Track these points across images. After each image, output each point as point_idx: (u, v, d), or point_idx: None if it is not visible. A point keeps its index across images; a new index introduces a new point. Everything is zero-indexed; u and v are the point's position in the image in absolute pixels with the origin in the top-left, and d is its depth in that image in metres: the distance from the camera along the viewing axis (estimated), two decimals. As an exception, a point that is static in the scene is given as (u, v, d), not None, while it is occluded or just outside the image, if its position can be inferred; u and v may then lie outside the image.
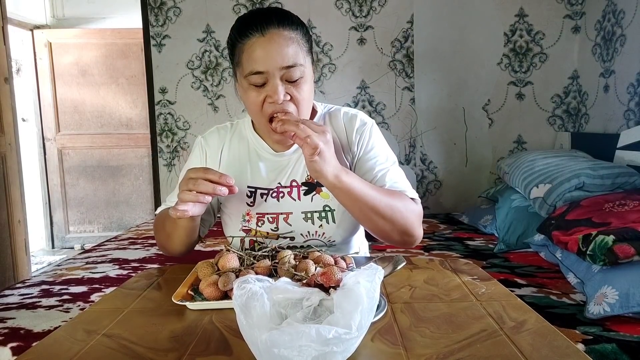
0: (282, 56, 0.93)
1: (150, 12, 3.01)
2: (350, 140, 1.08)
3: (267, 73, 0.94)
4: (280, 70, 0.94)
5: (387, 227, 0.98)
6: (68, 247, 4.32)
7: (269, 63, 0.93)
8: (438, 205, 3.09)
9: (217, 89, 3.06)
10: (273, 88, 0.94)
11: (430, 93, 3.02)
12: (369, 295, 0.59)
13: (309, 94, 1.00)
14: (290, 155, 1.07)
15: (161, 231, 1.06)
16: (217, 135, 1.13)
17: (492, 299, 0.80)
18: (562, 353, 0.62)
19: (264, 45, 0.93)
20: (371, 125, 1.09)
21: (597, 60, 2.72)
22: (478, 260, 1.93)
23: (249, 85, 0.96)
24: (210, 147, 1.12)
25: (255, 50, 0.94)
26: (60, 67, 4.14)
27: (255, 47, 0.94)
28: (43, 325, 1.35)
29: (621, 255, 1.36)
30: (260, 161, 1.09)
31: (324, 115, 1.11)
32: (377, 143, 1.09)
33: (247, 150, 1.10)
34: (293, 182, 1.07)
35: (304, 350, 0.52)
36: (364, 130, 1.08)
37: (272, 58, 0.93)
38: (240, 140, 1.12)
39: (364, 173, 1.05)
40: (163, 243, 1.08)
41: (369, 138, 1.08)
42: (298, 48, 0.95)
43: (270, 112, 0.96)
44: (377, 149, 1.08)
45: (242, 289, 0.61)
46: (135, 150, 4.27)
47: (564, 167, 2.11)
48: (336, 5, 2.97)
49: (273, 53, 0.93)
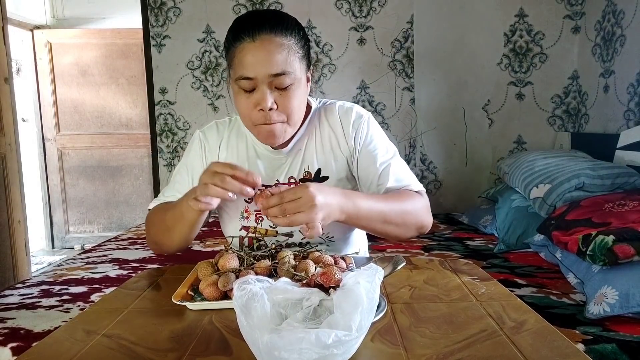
0: (271, 64, 0.92)
1: (150, 12, 3.01)
2: (346, 133, 1.07)
3: (255, 79, 0.93)
4: (269, 78, 0.93)
5: (402, 231, 0.99)
6: (68, 248, 4.32)
7: (257, 70, 0.92)
8: (438, 206, 3.08)
9: (217, 89, 3.06)
10: (261, 95, 0.94)
11: (430, 93, 3.02)
12: (368, 295, 0.59)
13: (300, 101, 0.99)
14: (287, 152, 1.08)
15: (159, 225, 1.03)
16: (216, 130, 1.13)
17: (492, 299, 0.80)
18: (562, 353, 0.62)
19: (253, 52, 0.92)
20: (367, 118, 1.09)
21: (597, 60, 2.72)
22: (478, 260, 1.93)
23: (239, 89, 0.96)
24: (209, 142, 1.11)
25: (245, 56, 0.93)
26: (60, 67, 4.14)
27: (245, 52, 0.93)
28: (43, 326, 1.35)
29: (621, 255, 1.36)
30: (258, 158, 1.09)
31: (319, 110, 1.11)
32: (376, 135, 1.08)
33: (245, 147, 1.10)
34: (291, 179, 1.08)
35: (305, 353, 0.52)
36: (360, 123, 1.07)
37: (261, 65, 0.92)
38: (239, 137, 1.11)
39: (366, 167, 1.06)
40: (159, 238, 1.04)
41: (367, 130, 1.07)
42: (289, 55, 0.94)
43: (259, 120, 0.96)
44: (376, 141, 1.08)
45: (242, 289, 0.61)
46: (135, 151, 4.27)
47: (563, 167, 2.11)
48: (336, 5, 2.97)
49: (262, 60, 0.92)
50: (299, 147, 1.08)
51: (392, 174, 1.04)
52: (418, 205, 1.01)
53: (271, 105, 0.94)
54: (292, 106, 0.96)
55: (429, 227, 1.04)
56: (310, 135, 1.09)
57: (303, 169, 1.07)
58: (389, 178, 1.03)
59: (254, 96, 0.95)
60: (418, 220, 1.00)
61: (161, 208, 1.05)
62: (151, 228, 1.06)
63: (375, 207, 0.93)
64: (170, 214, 0.98)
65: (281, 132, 0.98)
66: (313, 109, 1.10)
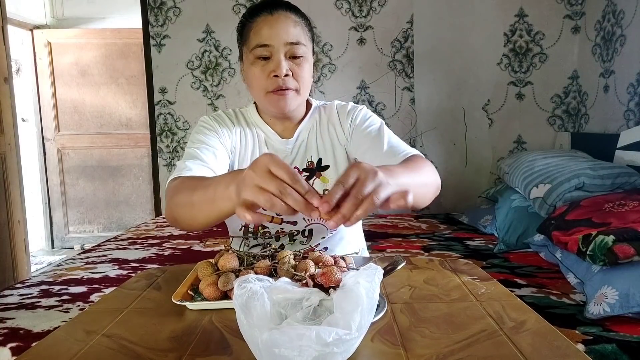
0: (287, 33, 1.00)
1: (150, 12, 3.01)
2: (342, 121, 1.14)
3: (272, 47, 1.00)
4: (284, 46, 1.00)
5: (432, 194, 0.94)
6: (68, 247, 4.31)
7: (274, 38, 1.00)
8: (438, 206, 3.08)
9: (217, 89, 3.06)
10: (276, 62, 1.00)
11: (430, 93, 3.02)
12: (368, 295, 0.59)
13: (309, 75, 1.06)
14: (294, 142, 1.13)
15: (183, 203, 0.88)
16: (226, 117, 1.15)
17: (492, 299, 0.80)
18: (562, 353, 0.62)
19: (271, 23, 1.00)
20: (362, 107, 1.16)
21: (597, 60, 2.72)
22: (478, 260, 1.93)
23: (255, 59, 1.02)
24: (222, 124, 1.11)
25: (263, 27, 1.00)
26: (60, 67, 4.14)
27: (263, 24, 1.01)
28: (43, 326, 1.35)
29: (621, 255, 1.36)
30: (267, 148, 1.13)
31: (318, 107, 1.18)
32: (369, 117, 1.13)
33: (253, 136, 1.14)
34: (295, 168, 1.11)
35: (304, 350, 0.52)
36: (355, 110, 1.14)
37: (277, 34, 1.00)
38: (247, 126, 1.15)
39: (360, 141, 1.09)
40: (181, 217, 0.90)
41: (361, 115, 1.14)
42: (302, 31, 1.03)
43: (273, 87, 1.01)
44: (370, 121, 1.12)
45: (242, 288, 0.61)
46: (135, 151, 4.27)
47: (563, 167, 2.11)
48: (336, 5, 2.97)
49: (279, 30, 1.00)
50: (302, 138, 1.14)
51: (386, 143, 1.05)
52: (430, 166, 0.98)
53: (286, 72, 1.00)
54: (304, 75, 1.04)
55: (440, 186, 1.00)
56: (312, 129, 1.15)
57: (306, 159, 1.13)
58: (384, 146, 1.05)
59: (269, 65, 1.01)
60: (437, 181, 0.97)
61: (188, 185, 0.89)
62: (174, 206, 0.91)
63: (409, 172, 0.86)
64: (200, 195, 0.82)
65: (292, 100, 1.04)
66: (313, 106, 1.17)
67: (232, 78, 3.05)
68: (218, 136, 1.08)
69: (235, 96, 3.06)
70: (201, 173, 0.96)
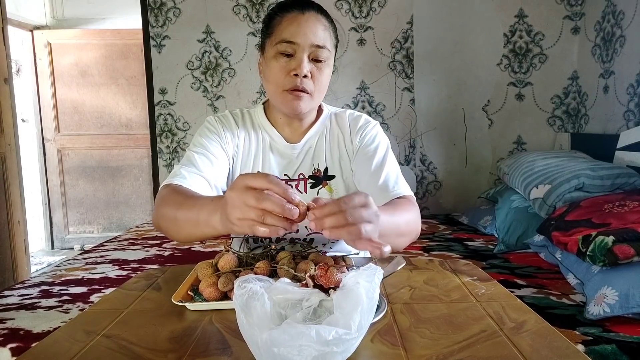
0: (315, 35, 0.99)
1: (150, 12, 3.01)
2: (353, 134, 1.12)
3: (297, 45, 0.98)
4: (310, 47, 0.99)
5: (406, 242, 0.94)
6: (68, 248, 4.31)
7: (301, 37, 0.98)
8: (438, 206, 3.09)
9: (217, 89, 3.06)
10: (299, 61, 0.99)
11: (430, 94, 3.02)
12: (368, 295, 0.59)
13: (327, 81, 1.05)
14: (301, 147, 1.11)
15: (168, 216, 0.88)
16: (232, 118, 1.12)
17: (491, 300, 0.80)
18: (561, 354, 0.62)
19: (300, 22, 0.99)
20: (375, 125, 1.14)
21: (596, 61, 2.72)
22: (478, 261, 1.93)
23: (277, 53, 1.00)
24: (227, 127, 1.10)
25: (292, 23, 0.99)
26: (60, 67, 4.14)
27: (292, 20, 0.99)
28: (42, 326, 1.35)
29: (621, 256, 1.36)
30: (271, 152, 1.11)
31: (330, 115, 1.16)
32: (379, 140, 1.11)
33: (258, 139, 1.11)
34: (300, 175, 1.10)
35: (304, 350, 0.52)
36: (367, 126, 1.12)
37: (305, 34, 0.98)
38: (253, 129, 1.12)
39: (361, 164, 1.07)
40: (165, 227, 0.91)
41: (372, 134, 1.12)
42: (329, 37, 1.02)
43: (290, 85, 1.00)
44: (377, 144, 1.10)
45: (242, 288, 0.61)
46: (135, 151, 4.27)
47: (563, 167, 2.11)
48: (336, 5, 2.97)
49: (307, 30, 0.99)
50: (310, 145, 1.12)
51: (383, 175, 1.04)
52: (415, 214, 0.97)
53: (306, 73, 0.99)
54: (322, 80, 1.02)
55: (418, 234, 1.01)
56: (321, 135, 1.13)
57: (313, 166, 1.10)
58: (380, 178, 1.03)
59: (291, 63, 0.99)
60: (417, 230, 0.97)
61: (174, 200, 0.88)
62: (160, 217, 0.91)
63: (391, 221, 0.84)
64: (184, 214, 0.83)
65: (305, 103, 1.02)
66: (325, 113, 1.15)
67: (232, 79, 3.05)
68: (220, 140, 1.07)
69: (235, 97, 3.07)
70: (194, 183, 0.96)
